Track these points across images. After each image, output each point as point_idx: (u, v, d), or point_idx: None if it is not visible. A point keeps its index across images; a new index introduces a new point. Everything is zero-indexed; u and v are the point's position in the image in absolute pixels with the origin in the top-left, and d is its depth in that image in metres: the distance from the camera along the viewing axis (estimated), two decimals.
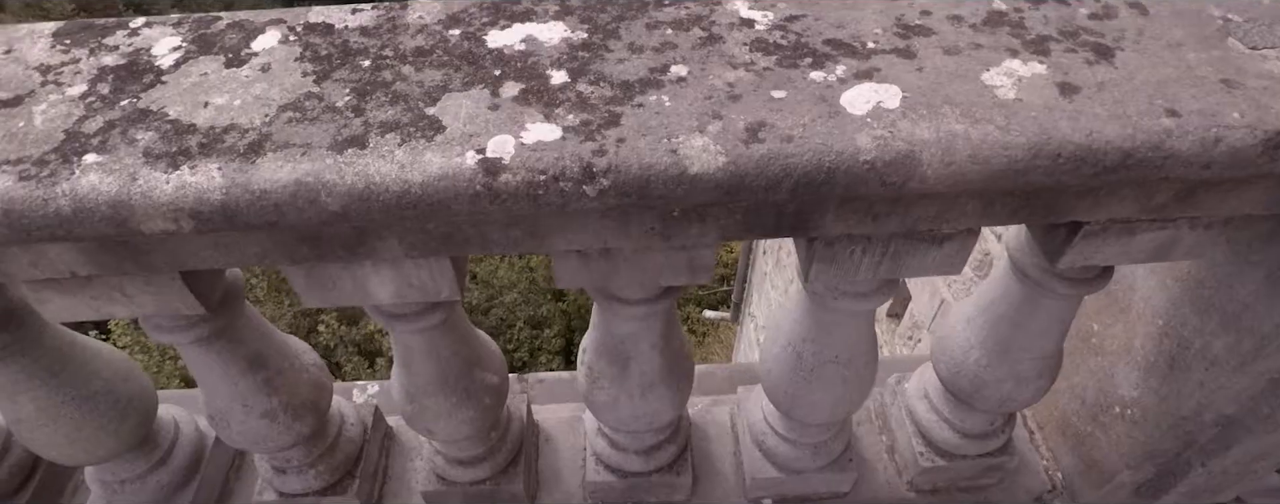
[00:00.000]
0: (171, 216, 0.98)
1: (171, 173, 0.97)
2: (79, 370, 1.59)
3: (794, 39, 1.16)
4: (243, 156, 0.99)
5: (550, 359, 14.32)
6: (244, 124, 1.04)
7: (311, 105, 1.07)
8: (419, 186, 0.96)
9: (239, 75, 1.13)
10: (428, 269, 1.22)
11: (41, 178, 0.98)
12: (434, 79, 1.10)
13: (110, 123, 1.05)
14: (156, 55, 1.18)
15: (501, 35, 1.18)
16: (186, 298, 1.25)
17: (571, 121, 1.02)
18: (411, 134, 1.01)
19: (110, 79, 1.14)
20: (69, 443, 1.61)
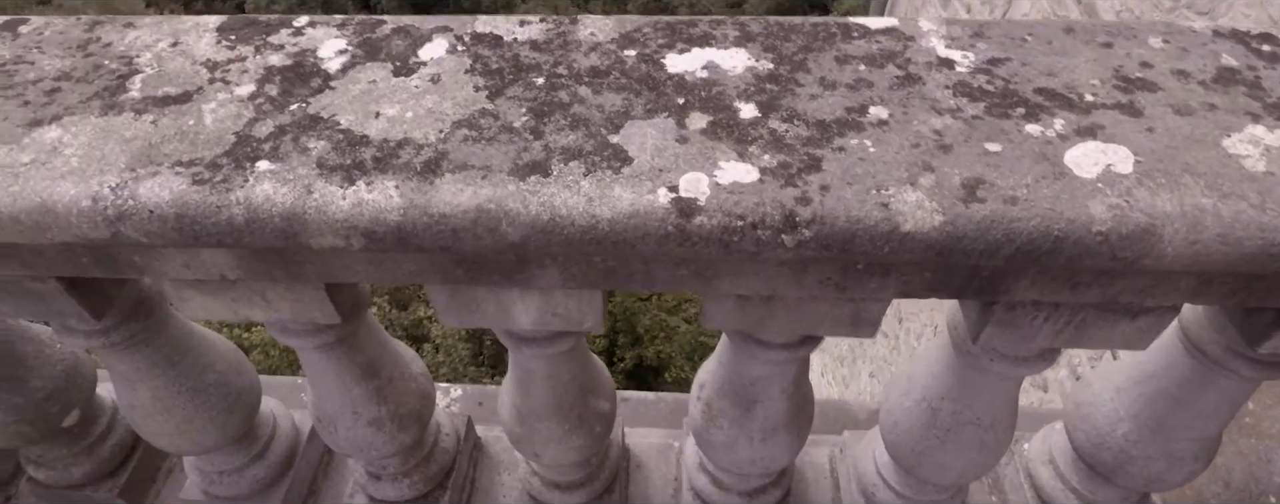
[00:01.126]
0: (343, 234, 0.93)
1: (347, 188, 0.93)
2: (196, 362, 1.57)
3: (1001, 85, 1.06)
4: (420, 175, 0.94)
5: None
6: (419, 139, 0.99)
7: (487, 123, 1.01)
8: (607, 223, 0.90)
9: (408, 85, 1.08)
10: (578, 299, 1.16)
11: (215, 183, 0.94)
12: (614, 103, 1.03)
13: (281, 128, 1.02)
14: (323, 58, 1.14)
15: (681, 60, 1.10)
16: (326, 307, 1.21)
17: (768, 163, 0.94)
18: (597, 163, 0.94)
19: (278, 80, 1.10)
20: (179, 433, 1.60)
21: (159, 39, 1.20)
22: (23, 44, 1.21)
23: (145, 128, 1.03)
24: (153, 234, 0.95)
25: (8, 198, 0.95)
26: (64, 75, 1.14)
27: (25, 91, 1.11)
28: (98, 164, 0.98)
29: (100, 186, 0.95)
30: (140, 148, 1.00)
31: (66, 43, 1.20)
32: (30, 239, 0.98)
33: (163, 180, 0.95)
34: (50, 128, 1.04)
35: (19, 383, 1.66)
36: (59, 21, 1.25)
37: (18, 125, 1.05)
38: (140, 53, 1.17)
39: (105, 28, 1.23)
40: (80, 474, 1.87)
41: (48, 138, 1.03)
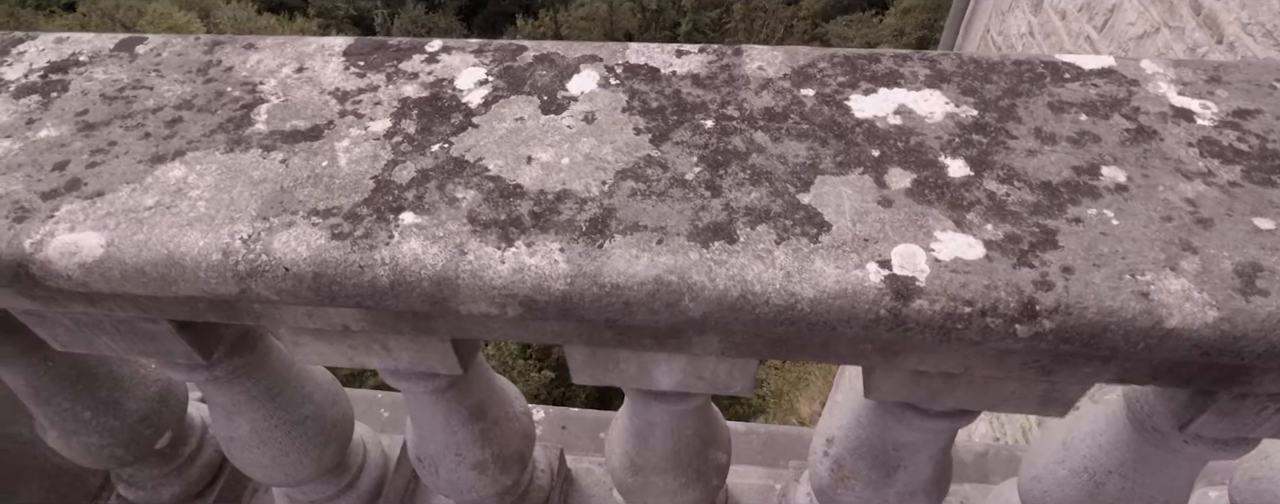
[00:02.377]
0: (499, 302, 0.82)
1: (506, 249, 0.82)
2: (294, 394, 1.50)
3: (1256, 144, 0.90)
4: (586, 236, 0.82)
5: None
6: (579, 191, 0.87)
7: (655, 175, 0.89)
8: (808, 303, 0.77)
9: (560, 125, 0.96)
10: (731, 366, 1.03)
11: (356, 238, 0.84)
12: (798, 154, 0.90)
13: (424, 174, 0.91)
14: (462, 89, 1.03)
15: (868, 103, 0.97)
16: (449, 359, 1.11)
17: (993, 235, 0.80)
18: (789, 229, 0.82)
19: (414, 115, 1.00)
20: (274, 465, 1.53)
21: (282, 64, 1.10)
22: (140, 67, 1.13)
23: (275, 168, 0.94)
24: (285, 293, 0.85)
25: (132, 248, 0.87)
26: (185, 103, 1.05)
27: (145, 121, 1.03)
28: (226, 210, 0.89)
29: (231, 238, 0.86)
30: (271, 192, 0.91)
31: (186, 66, 1.12)
32: (154, 291, 0.90)
33: (298, 233, 0.85)
34: (174, 165, 0.96)
35: (115, 405, 1.61)
36: (177, 41, 1.17)
37: (140, 161, 0.97)
38: (264, 79, 1.08)
39: (225, 49, 1.14)
40: (170, 495, 1.83)
41: (172, 177, 0.94)
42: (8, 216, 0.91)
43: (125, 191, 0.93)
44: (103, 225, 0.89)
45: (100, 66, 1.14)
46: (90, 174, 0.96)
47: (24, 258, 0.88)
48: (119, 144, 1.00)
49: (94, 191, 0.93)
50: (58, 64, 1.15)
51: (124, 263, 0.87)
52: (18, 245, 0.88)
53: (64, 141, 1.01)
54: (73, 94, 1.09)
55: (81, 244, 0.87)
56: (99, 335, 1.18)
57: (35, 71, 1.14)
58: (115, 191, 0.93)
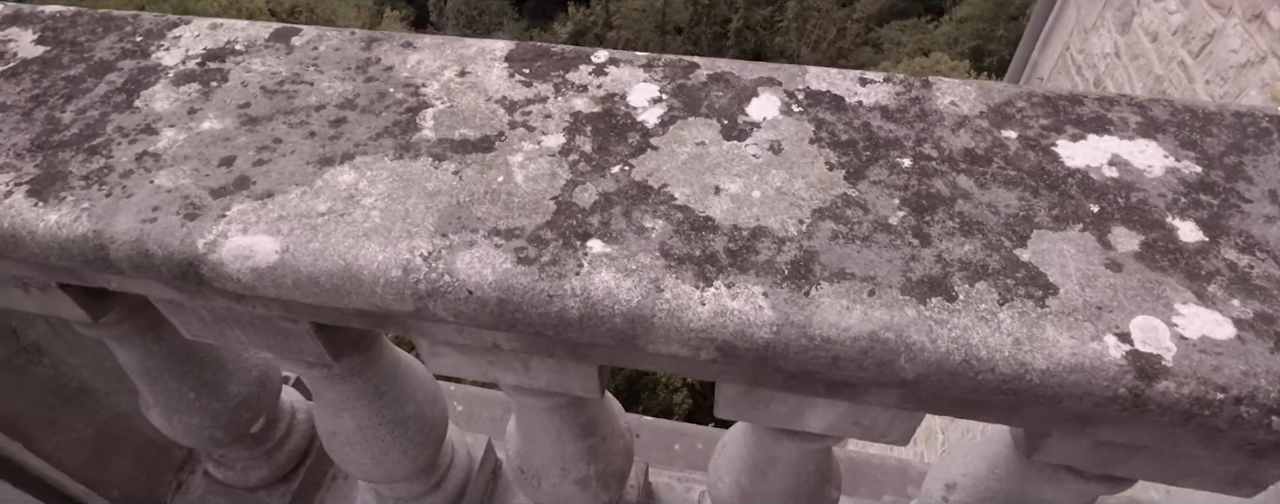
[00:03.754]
0: (694, 345, 0.77)
1: (705, 289, 0.77)
2: (399, 393, 1.48)
3: None
4: (790, 281, 0.77)
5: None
6: (776, 229, 0.82)
7: (855, 216, 0.83)
8: (1039, 374, 0.71)
9: (744, 153, 0.91)
10: (894, 416, 0.98)
11: (543, 264, 0.80)
12: (1008, 203, 0.84)
13: (607, 197, 0.87)
14: (635, 107, 0.98)
15: (1077, 150, 0.90)
16: (591, 384, 1.07)
17: (1242, 312, 0.73)
18: (1011, 289, 0.76)
19: (589, 132, 0.95)
20: (373, 463, 1.52)
21: (444, 66, 1.07)
22: (298, 59, 1.10)
23: (448, 179, 0.90)
24: (463, 316, 0.82)
25: (308, 256, 0.84)
26: (347, 102, 1.02)
27: (309, 120, 1.00)
28: (403, 222, 0.86)
29: (411, 254, 0.82)
30: (447, 206, 0.87)
31: (344, 62, 1.09)
32: (323, 302, 0.87)
33: (482, 254, 0.82)
34: (343, 168, 0.93)
35: (218, 388, 1.61)
36: (333, 34, 1.15)
37: (308, 161, 0.94)
38: (426, 81, 1.05)
39: (383, 47, 1.11)
40: (257, 478, 1.83)
41: (342, 181, 0.91)
42: (179, 212, 0.89)
43: (296, 194, 0.90)
44: (276, 230, 0.86)
45: (257, 57, 1.11)
46: (258, 173, 0.93)
47: (195, 258, 0.86)
48: (284, 142, 0.97)
49: (263, 192, 0.91)
50: (214, 52, 1.13)
51: (299, 271, 0.84)
52: (190, 244, 0.86)
53: (228, 135, 0.99)
54: (233, 85, 1.07)
55: (256, 248, 0.85)
56: (232, 328, 1.16)
57: (192, 58, 1.12)
58: (285, 193, 0.90)
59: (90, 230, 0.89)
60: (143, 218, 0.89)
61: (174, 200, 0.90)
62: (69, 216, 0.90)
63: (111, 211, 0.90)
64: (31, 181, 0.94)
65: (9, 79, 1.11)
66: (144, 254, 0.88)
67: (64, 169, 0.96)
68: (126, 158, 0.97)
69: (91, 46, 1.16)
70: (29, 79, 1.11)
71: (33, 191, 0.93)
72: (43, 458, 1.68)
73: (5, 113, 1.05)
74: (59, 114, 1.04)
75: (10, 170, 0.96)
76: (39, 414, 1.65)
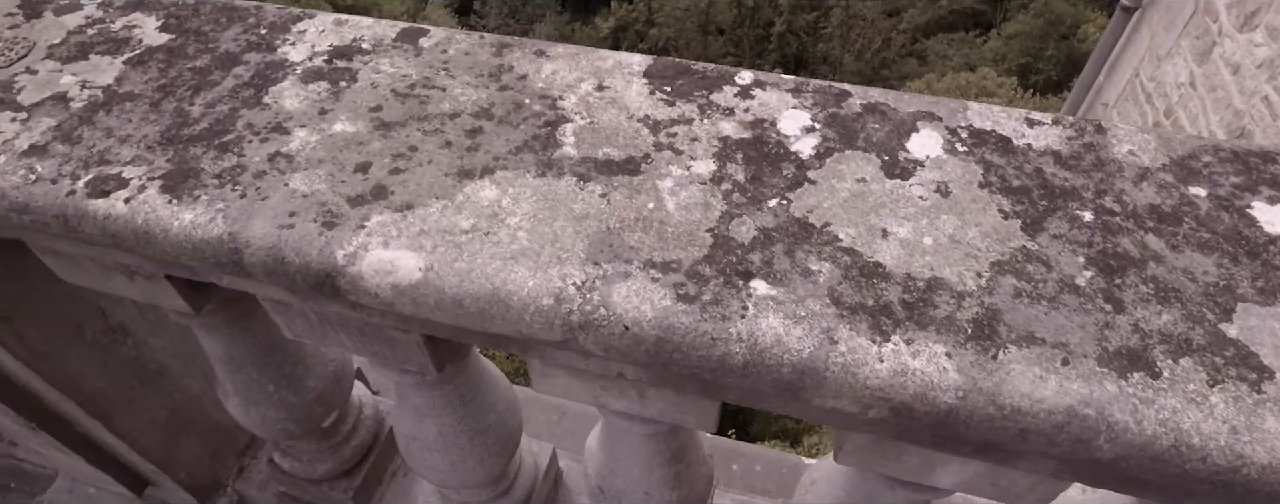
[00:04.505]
0: (867, 403, 0.72)
1: (882, 343, 0.72)
2: (483, 402, 1.45)
3: None
4: (975, 342, 0.72)
5: None
6: (952, 281, 0.77)
7: (1037, 273, 0.78)
8: (1259, 469, 0.65)
9: (909, 193, 0.86)
10: (1036, 482, 0.92)
11: (705, 304, 0.75)
12: (1206, 270, 0.78)
13: (766, 233, 0.82)
14: (787, 135, 0.93)
15: (1277, 215, 0.83)
16: (708, 418, 1.03)
17: None
18: (1220, 369, 0.70)
19: (740, 160, 0.91)
20: (451, 469, 1.49)
21: (581, 78, 1.03)
22: (428, 62, 1.07)
23: (595, 203, 0.86)
24: (614, 350, 0.78)
25: (453, 277, 0.80)
26: (482, 111, 0.99)
27: (444, 127, 0.97)
28: (551, 246, 0.81)
29: (563, 282, 0.78)
30: (597, 231, 0.83)
31: (475, 67, 1.05)
32: (463, 324, 0.83)
33: (638, 287, 0.77)
34: (484, 183, 0.89)
35: (297, 383, 1.59)
36: (461, 37, 1.11)
37: (447, 173, 0.90)
38: (563, 94, 1.01)
39: (514, 53, 1.07)
40: (322, 471, 1.82)
41: (484, 197, 0.87)
42: (316, 220, 0.86)
43: (436, 208, 0.86)
44: (418, 245, 0.82)
45: (385, 57, 1.08)
46: (396, 182, 0.90)
47: (334, 269, 0.83)
48: (420, 150, 0.94)
49: (403, 203, 0.87)
50: (340, 49, 1.10)
51: (442, 291, 0.80)
52: (330, 255, 0.83)
53: (361, 140, 0.96)
54: (362, 86, 1.03)
55: (398, 264, 0.81)
56: (337, 332, 1.13)
57: (319, 55, 1.09)
58: (426, 206, 0.87)
59: (225, 232, 0.86)
60: (279, 223, 0.86)
61: (310, 206, 0.87)
62: (204, 217, 0.87)
63: (247, 214, 0.87)
64: (164, 177, 0.92)
65: (135, 67, 1.09)
66: (279, 261, 0.85)
67: (196, 166, 0.93)
68: (259, 157, 0.94)
69: (216, 37, 1.13)
70: (155, 68, 1.09)
71: (166, 188, 0.91)
72: (119, 437, 1.68)
73: (134, 102, 1.03)
74: (187, 106, 1.02)
75: (142, 163, 0.94)
76: (119, 394, 1.65)
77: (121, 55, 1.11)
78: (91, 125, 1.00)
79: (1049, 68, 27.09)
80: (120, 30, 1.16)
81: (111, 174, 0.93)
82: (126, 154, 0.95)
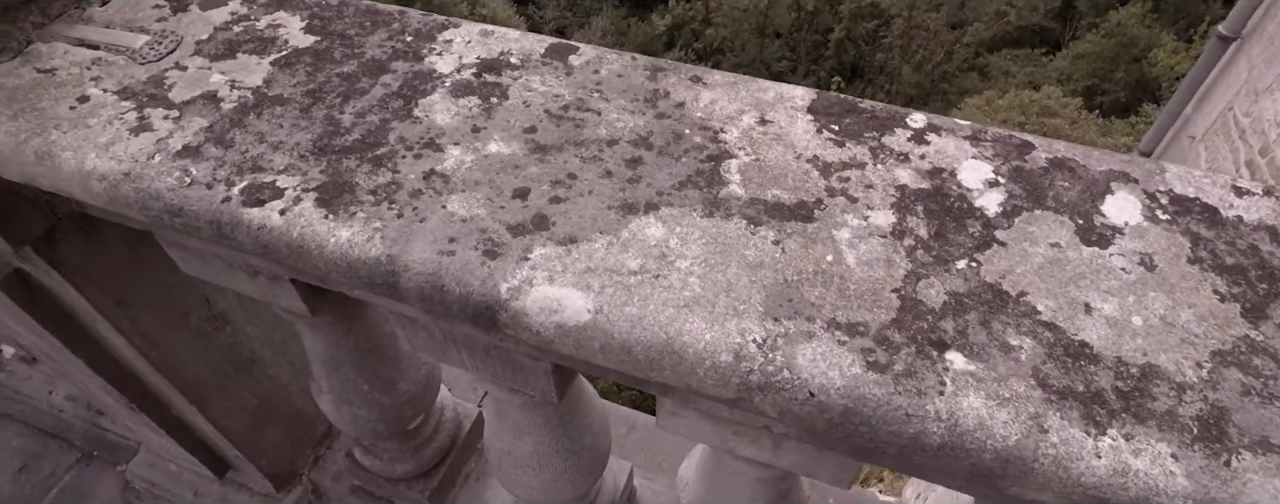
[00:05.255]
0: (1073, 500, 0.67)
1: (1097, 437, 0.66)
2: (580, 423, 1.42)
3: None
4: (1202, 443, 0.65)
5: None
6: (1170, 371, 0.71)
7: (1266, 368, 0.71)
8: None
9: (1110, 265, 0.80)
10: None
11: (898, 375, 0.70)
12: None
13: (958, 300, 0.76)
14: (969, 188, 0.88)
15: None
16: (846, 475, 0.98)
17: None
18: None
19: (921, 213, 0.85)
20: (541, 487, 1.47)
21: (741, 110, 0.98)
22: (579, 82, 1.03)
23: (769, 250, 0.82)
24: (792, 416, 0.73)
25: (624, 322, 0.76)
26: (641, 140, 0.95)
27: (603, 155, 0.93)
28: (726, 296, 0.77)
29: (742, 338, 0.74)
30: (774, 283, 0.78)
31: (629, 90, 1.02)
32: (626, 370, 0.80)
33: (824, 350, 0.72)
34: (649, 220, 0.85)
35: (390, 385, 1.58)
36: (613, 57, 1.07)
37: (609, 206, 0.87)
38: (724, 126, 0.96)
39: (670, 78, 1.03)
40: (402, 471, 1.82)
41: (650, 235, 0.83)
42: (478, 248, 0.83)
43: (601, 244, 0.83)
44: (585, 284, 0.79)
45: (536, 74, 1.05)
46: (556, 212, 0.86)
47: (496, 302, 0.80)
48: (580, 179, 0.90)
49: (565, 236, 0.84)
50: (489, 62, 1.07)
51: (611, 336, 0.76)
52: (492, 287, 0.80)
53: (518, 163, 0.92)
54: (514, 104, 1.00)
55: (565, 304, 0.78)
56: (460, 350, 1.11)
57: (467, 68, 1.06)
58: (589, 241, 0.83)
59: (383, 254, 0.84)
60: (439, 249, 0.83)
61: (470, 232, 0.84)
62: (361, 236, 0.85)
63: (405, 236, 0.84)
64: (319, 189, 0.90)
65: (283, 69, 1.07)
66: (438, 289, 0.82)
67: (350, 179, 0.91)
68: (414, 175, 0.91)
69: (361, 42, 1.11)
70: (303, 71, 1.07)
71: (321, 201, 0.89)
72: (212, 422, 1.69)
73: (284, 107, 1.01)
74: (338, 115, 1.00)
75: (296, 173, 0.92)
76: (215, 380, 1.66)
77: (268, 56, 1.10)
78: (243, 128, 0.99)
79: (1117, 90, 26.24)
80: (266, 29, 1.15)
81: (266, 182, 0.91)
82: (280, 161, 0.94)
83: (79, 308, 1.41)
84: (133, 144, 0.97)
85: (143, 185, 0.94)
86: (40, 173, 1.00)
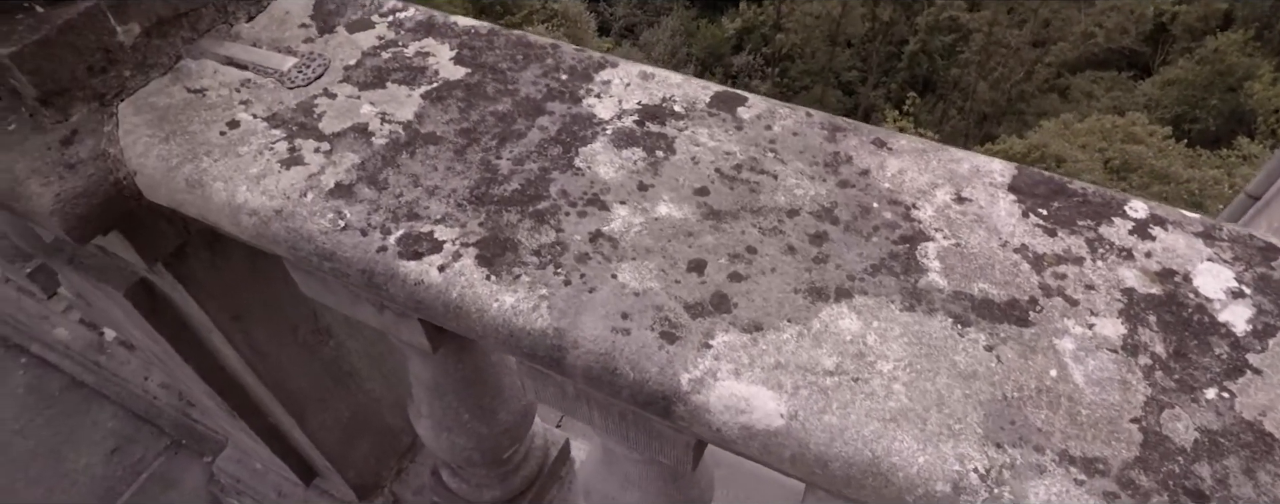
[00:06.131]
0: None
1: None
2: (692, 480, 1.35)
3: None
4: None
5: None
6: None
7: None
8: None
9: None
10: None
11: None
12: None
13: (1211, 438, 0.66)
14: (1209, 298, 0.77)
15: None
16: None
17: None
18: None
19: (1154, 323, 0.75)
20: None
21: (934, 184, 0.89)
22: (751, 139, 0.96)
23: (982, 358, 0.73)
24: None
25: (821, 432, 0.68)
26: (824, 211, 0.87)
27: (783, 227, 0.85)
28: (938, 411, 0.69)
29: (961, 465, 0.65)
30: (991, 399, 0.69)
31: (807, 152, 0.93)
32: (814, 481, 0.72)
33: (1058, 490, 0.63)
34: (841, 309, 0.77)
35: (490, 415, 1.54)
36: (784, 112, 0.99)
37: (795, 289, 0.79)
38: (916, 201, 0.87)
39: (850, 140, 0.95)
40: (489, 496, 1.78)
41: (844, 328, 0.75)
42: (654, 328, 0.76)
43: (790, 334, 0.75)
44: (776, 383, 0.71)
45: (702, 126, 0.97)
46: (737, 292, 0.79)
47: (674, 393, 0.73)
48: (760, 253, 0.83)
49: (750, 321, 0.76)
50: (651, 109, 1.00)
51: (805, 446, 0.69)
52: (672, 376, 0.73)
53: (690, 229, 0.85)
54: (681, 159, 0.93)
55: (754, 404, 0.70)
56: (591, 409, 1.04)
57: (628, 114, 1.00)
58: (777, 330, 0.75)
59: (551, 327, 0.78)
60: (612, 326, 0.76)
61: (645, 309, 0.77)
62: (526, 303, 0.79)
63: (575, 308, 0.78)
64: (479, 245, 0.85)
65: (434, 103, 1.03)
66: (610, 371, 0.75)
67: (511, 236, 0.85)
68: (579, 236, 0.85)
69: (514, 78, 1.06)
70: (455, 107, 1.02)
71: (483, 259, 0.83)
72: (307, 434, 1.68)
73: (437, 146, 0.97)
74: (495, 159, 0.94)
75: (454, 224, 0.87)
76: (315, 393, 1.65)
77: (418, 87, 1.05)
78: (396, 168, 0.94)
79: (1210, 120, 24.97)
80: (414, 57, 1.10)
81: (422, 232, 0.86)
82: (436, 210, 0.89)
83: (196, 319, 1.40)
84: (284, 178, 0.94)
85: (294, 225, 0.90)
86: (189, 201, 0.97)
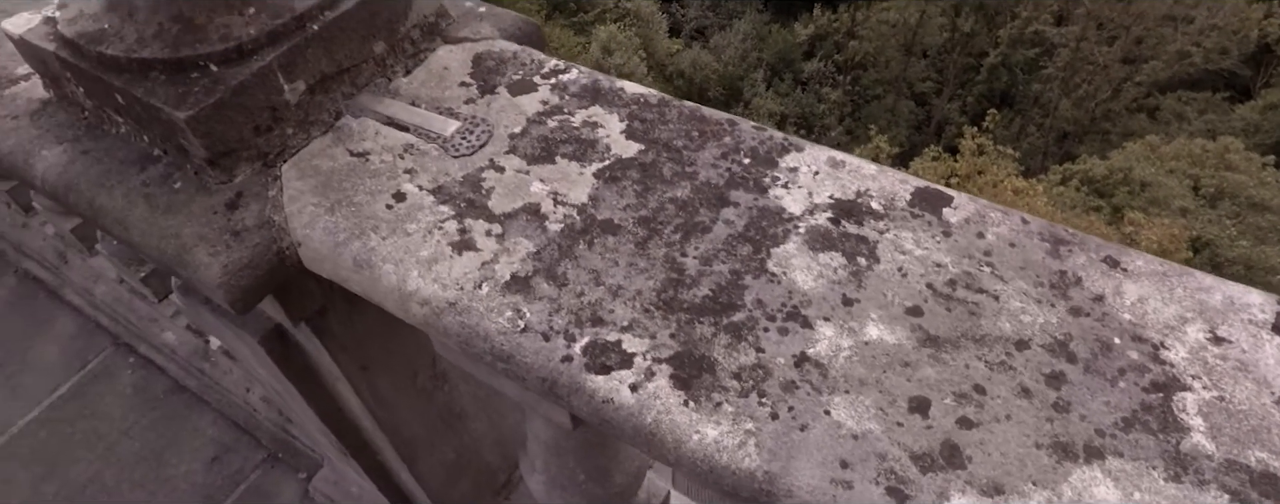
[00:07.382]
0: None
1: None
2: None
3: None
4: None
5: None
6: None
7: None
8: None
9: None
10: None
11: None
12: None
13: None
14: None
15: None
16: None
17: None
18: None
19: None
20: None
21: (1182, 317, 0.78)
22: (962, 248, 0.86)
23: None
24: None
25: None
26: (1057, 344, 0.77)
27: (1012, 362, 0.76)
28: None
29: None
30: None
31: (1028, 268, 0.84)
32: None
33: None
34: (1093, 472, 0.68)
35: (605, 475, 1.48)
36: (997, 217, 0.89)
37: (1036, 442, 0.70)
38: (1164, 338, 0.77)
39: (1076, 256, 0.85)
40: None
41: (1101, 498, 0.66)
42: (878, 481, 0.68)
43: (1037, 502, 0.66)
44: None
45: (906, 230, 0.89)
46: (970, 442, 0.70)
47: None
48: (990, 394, 0.74)
49: (988, 482, 0.68)
50: (845, 206, 0.92)
51: None
52: None
53: (906, 358, 0.77)
54: (887, 269, 0.85)
55: None
56: None
57: (820, 209, 0.92)
58: (1022, 495, 0.67)
59: (760, 469, 0.70)
60: (831, 476, 0.69)
61: (867, 457, 0.70)
62: (731, 438, 0.72)
63: (786, 450, 0.71)
64: (673, 362, 0.78)
65: (608, 184, 0.97)
66: None
67: (707, 353, 0.79)
68: (782, 358, 0.78)
69: (691, 158, 0.99)
70: (631, 190, 0.96)
71: (678, 380, 0.77)
72: (415, 476, 1.66)
73: (616, 237, 0.90)
74: (680, 256, 0.88)
75: (643, 333, 0.81)
76: (427, 436, 1.62)
77: (590, 164, 1.00)
78: (574, 260, 0.88)
79: None
80: (582, 128, 1.05)
81: (610, 342, 0.80)
82: (622, 315, 0.82)
83: (325, 367, 1.38)
84: (456, 265, 0.89)
85: (470, 321, 0.85)
86: (356, 280, 0.93)
